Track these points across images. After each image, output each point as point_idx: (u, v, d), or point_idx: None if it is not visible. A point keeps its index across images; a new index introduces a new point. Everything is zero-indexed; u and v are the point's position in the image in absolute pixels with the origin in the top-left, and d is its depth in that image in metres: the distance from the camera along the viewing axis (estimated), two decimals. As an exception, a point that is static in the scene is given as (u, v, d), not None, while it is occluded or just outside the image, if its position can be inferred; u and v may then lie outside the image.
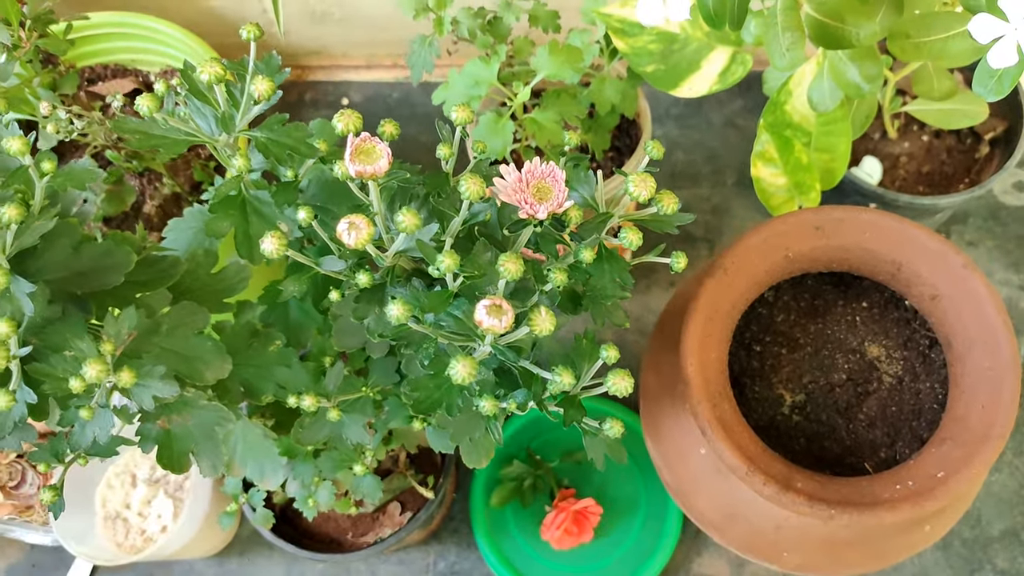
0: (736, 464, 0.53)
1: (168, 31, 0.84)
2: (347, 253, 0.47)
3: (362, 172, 0.43)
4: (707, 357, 0.56)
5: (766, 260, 0.58)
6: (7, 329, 0.40)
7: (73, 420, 0.48)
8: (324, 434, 0.59)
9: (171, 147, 0.51)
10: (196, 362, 0.54)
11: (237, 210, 0.55)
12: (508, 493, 0.88)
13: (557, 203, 0.46)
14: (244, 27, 0.50)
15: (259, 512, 0.72)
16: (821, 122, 0.70)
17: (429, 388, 0.46)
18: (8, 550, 0.94)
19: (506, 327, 0.42)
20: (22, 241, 0.44)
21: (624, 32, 0.71)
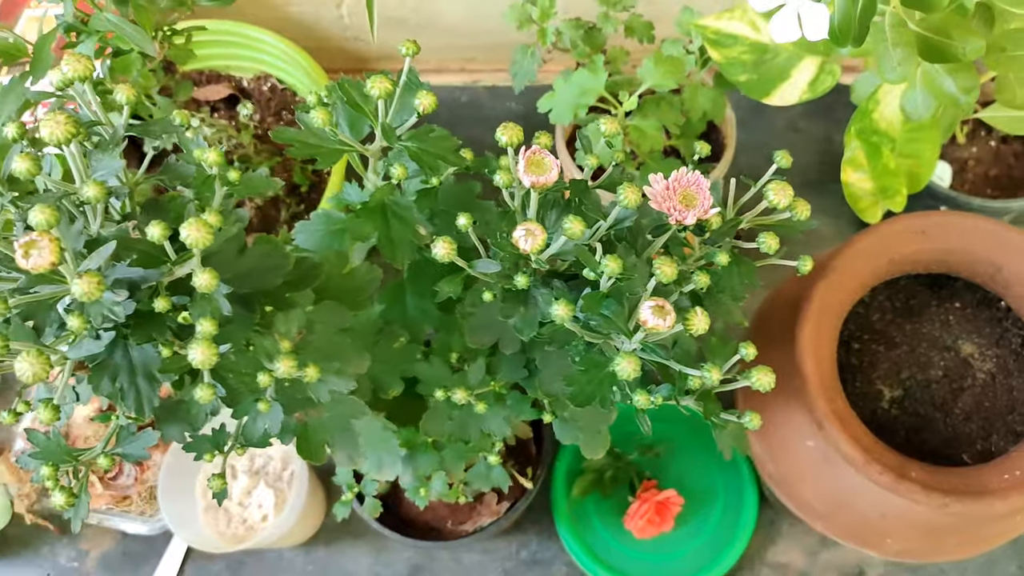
0: (853, 455, 0.56)
1: (263, 37, 0.87)
2: (508, 256, 0.50)
3: (535, 182, 0.46)
4: (821, 354, 0.59)
5: (872, 262, 0.61)
6: (211, 328, 0.44)
7: (247, 413, 0.51)
8: (451, 426, 0.63)
9: (327, 156, 0.54)
10: (337, 359, 0.57)
11: (379, 215, 0.58)
12: (589, 484, 0.91)
13: (703, 209, 0.49)
14: (402, 43, 0.53)
15: (368, 501, 0.75)
16: (906, 129, 0.73)
17: (582, 383, 0.50)
18: (101, 539, 0.97)
19: (669, 326, 0.45)
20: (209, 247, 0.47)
21: (719, 43, 0.74)
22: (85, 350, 0.45)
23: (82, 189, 0.43)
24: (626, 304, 0.50)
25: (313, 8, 1.05)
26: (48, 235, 0.39)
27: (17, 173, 0.41)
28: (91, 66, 0.45)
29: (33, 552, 0.97)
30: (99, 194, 0.43)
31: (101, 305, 0.43)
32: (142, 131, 0.49)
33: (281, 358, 0.46)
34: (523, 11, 0.73)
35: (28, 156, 0.42)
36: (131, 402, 0.48)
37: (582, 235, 0.46)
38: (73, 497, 0.47)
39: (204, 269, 0.43)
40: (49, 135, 0.41)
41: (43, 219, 0.40)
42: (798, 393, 0.61)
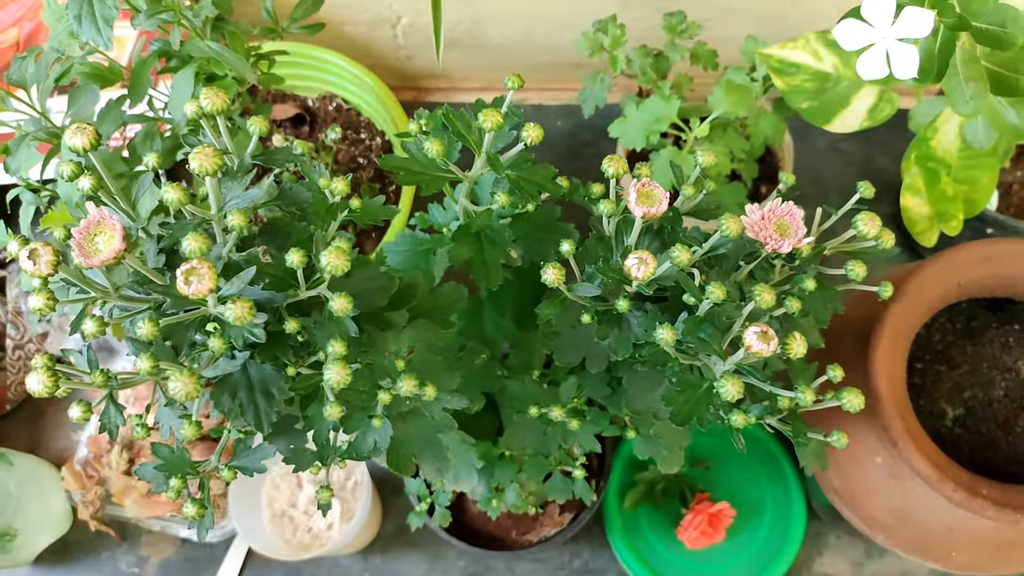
0: (927, 472, 0.59)
1: (328, 58, 0.90)
2: (611, 280, 0.53)
3: (647, 214, 0.49)
4: (893, 374, 0.62)
5: (940, 287, 0.64)
6: (342, 349, 0.46)
7: (359, 428, 0.54)
8: (532, 440, 0.65)
9: (431, 183, 0.56)
10: (429, 376, 0.59)
11: (473, 239, 0.61)
12: (641, 496, 0.93)
13: (797, 239, 0.52)
14: (508, 78, 0.55)
15: (439, 512, 0.77)
16: (963, 156, 0.76)
17: (680, 402, 0.52)
18: (161, 545, 0.99)
19: (773, 351, 0.48)
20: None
21: (782, 71, 0.77)
22: (220, 369, 0.48)
23: (227, 219, 0.45)
24: (720, 327, 0.53)
25: (368, 29, 1.08)
26: (206, 263, 0.41)
27: (168, 203, 0.44)
28: (227, 101, 0.47)
29: (94, 558, 1.00)
30: (242, 222, 0.45)
31: (242, 328, 0.45)
32: (267, 160, 0.51)
33: (404, 377, 0.48)
34: (595, 39, 0.75)
35: (178, 187, 0.44)
36: (251, 417, 0.51)
37: (689, 263, 0.49)
38: (204, 508, 0.49)
39: (340, 294, 0.46)
40: (199, 167, 0.44)
41: (196, 247, 0.42)
42: (868, 412, 0.63)
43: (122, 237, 0.42)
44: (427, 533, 0.97)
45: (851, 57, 0.76)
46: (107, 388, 0.48)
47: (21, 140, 0.65)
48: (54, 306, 0.44)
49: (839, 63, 0.77)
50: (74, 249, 0.42)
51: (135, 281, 0.47)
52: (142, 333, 0.43)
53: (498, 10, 1.04)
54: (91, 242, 0.42)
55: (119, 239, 0.42)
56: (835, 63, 0.77)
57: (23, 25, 0.97)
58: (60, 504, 0.97)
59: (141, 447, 0.95)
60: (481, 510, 0.85)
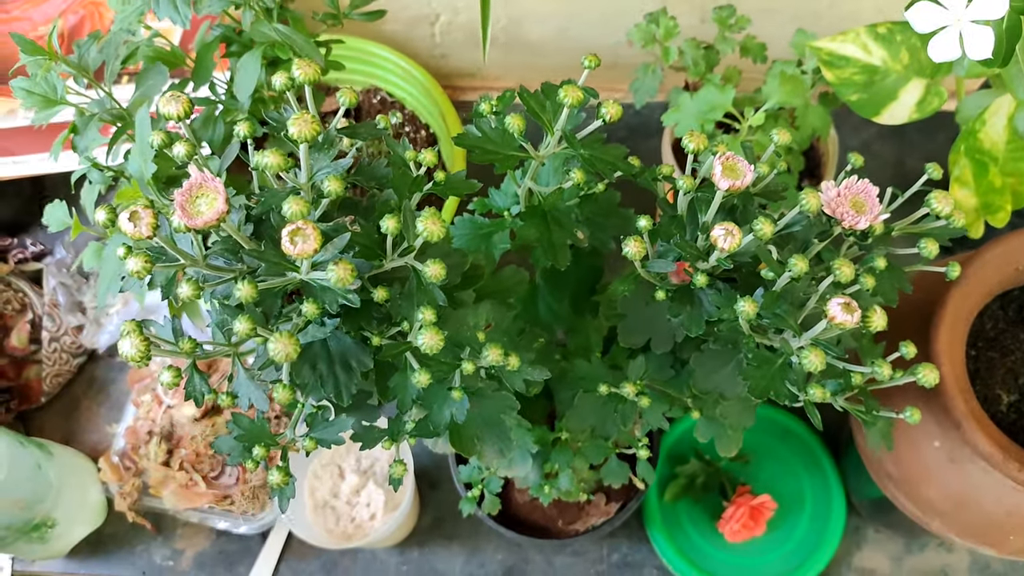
0: (991, 452, 0.59)
1: (376, 51, 0.91)
2: (689, 255, 0.53)
3: (732, 186, 0.49)
4: (954, 357, 0.62)
5: (999, 271, 0.65)
6: (432, 316, 0.46)
7: (437, 401, 0.54)
8: (591, 422, 0.65)
9: (505, 161, 0.57)
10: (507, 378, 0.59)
11: (541, 220, 0.61)
12: (681, 489, 0.94)
13: (873, 215, 0.53)
14: (585, 57, 0.56)
15: (488, 499, 0.77)
16: (1011, 149, 0.77)
17: (756, 377, 0.53)
18: (196, 538, 0.99)
19: (856, 322, 0.48)
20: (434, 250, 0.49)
21: (832, 64, 0.78)
22: (310, 336, 0.48)
23: (324, 184, 0.46)
24: (795, 304, 0.54)
25: (407, 27, 1.09)
26: (311, 223, 0.42)
27: (265, 167, 0.44)
28: (317, 71, 0.48)
29: (128, 551, 0.99)
30: (339, 188, 0.46)
31: (335, 293, 0.45)
32: (351, 133, 0.52)
33: (489, 347, 0.49)
34: (648, 31, 0.76)
35: (276, 152, 0.44)
36: (330, 389, 0.51)
37: (772, 236, 0.50)
38: (288, 476, 0.50)
39: (434, 260, 0.46)
40: (298, 133, 0.44)
41: (298, 209, 0.43)
42: (929, 396, 0.64)
43: (225, 199, 0.42)
44: (464, 526, 0.97)
45: (899, 50, 0.77)
46: (192, 357, 0.49)
47: (88, 120, 0.65)
48: (151, 269, 0.44)
49: (887, 56, 0.78)
50: (176, 211, 0.43)
51: (224, 249, 0.48)
52: (241, 295, 0.43)
53: (535, 8, 1.05)
54: (193, 204, 0.43)
55: (222, 200, 0.42)
56: (883, 56, 0.78)
57: (67, 18, 0.97)
58: (97, 496, 0.97)
59: (180, 438, 0.95)
60: (526, 499, 0.85)
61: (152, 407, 0.97)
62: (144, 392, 0.98)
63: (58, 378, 1.04)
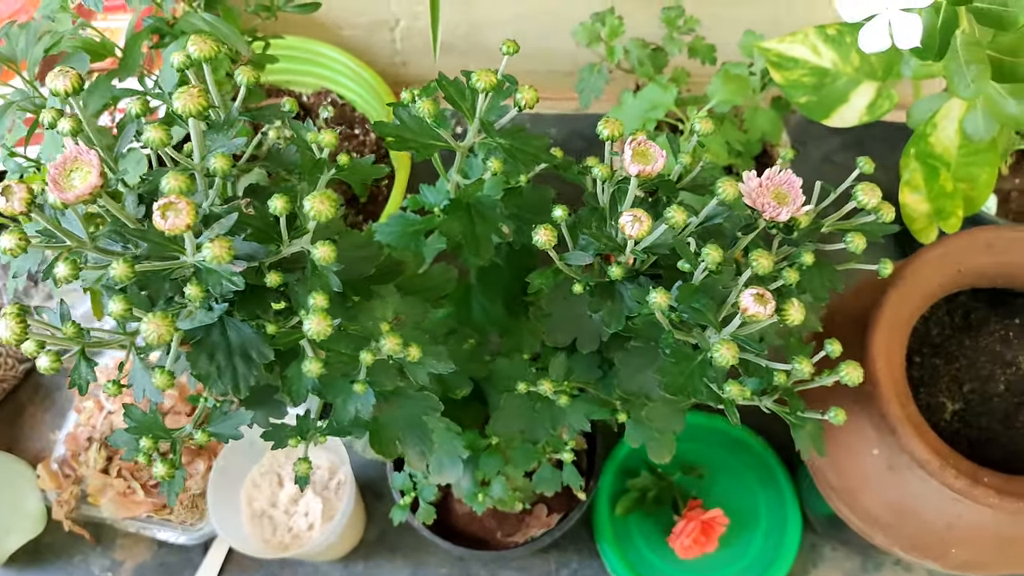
0: (928, 459, 0.57)
1: (326, 52, 0.90)
2: (604, 246, 0.51)
3: (642, 171, 0.48)
4: (892, 361, 0.60)
5: (940, 273, 0.63)
6: (324, 301, 0.44)
7: (340, 394, 0.52)
8: (520, 425, 0.63)
9: (423, 149, 0.55)
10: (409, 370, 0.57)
11: (464, 213, 0.59)
12: (632, 503, 0.91)
13: (796, 207, 0.51)
14: (504, 43, 0.54)
15: (423, 508, 0.75)
16: (962, 153, 0.75)
17: (674, 373, 0.51)
18: (135, 549, 0.96)
19: (769, 315, 0.46)
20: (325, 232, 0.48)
21: (780, 66, 0.76)
22: (198, 320, 0.46)
23: (208, 161, 0.44)
24: (715, 299, 0.52)
25: (367, 32, 1.08)
26: (184, 198, 0.40)
27: (148, 142, 0.42)
28: (215, 48, 0.46)
29: (66, 561, 0.97)
30: (225, 166, 0.44)
31: (219, 275, 0.44)
32: (255, 115, 0.50)
33: (387, 336, 0.47)
34: (592, 30, 0.75)
35: (160, 127, 0.43)
36: (228, 380, 0.49)
37: (684, 224, 0.48)
38: (174, 468, 0.47)
39: (323, 242, 0.44)
40: (182, 107, 0.43)
41: (176, 185, 0.41)
42: (866, 401, 0.62)
43: (99, 173, 0.41)
44: (410, 539, 0.95)
45: (849, 53, 0.76)
46: (80, 344, 0.47)
47: (7, 108, 0.63)
48: (26, 247, 0.42)
49: (838, 59, 0.76)
50: (49, 185, 0.41)
51: (112, 231, 0.46)
52: (116, 274, 0.41)
53: (495, 14, 1.04)
54: (67, 178, 0.41)
55: (96, 174, 0.40)
56: (834, 59, 0.76)
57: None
58: (35, 504, 0.95)
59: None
60: (466, 511, 0.83)
61: (93, 413, 0.95)
62: (86, 398, 0.96)
63: (2, 384, 1.02)
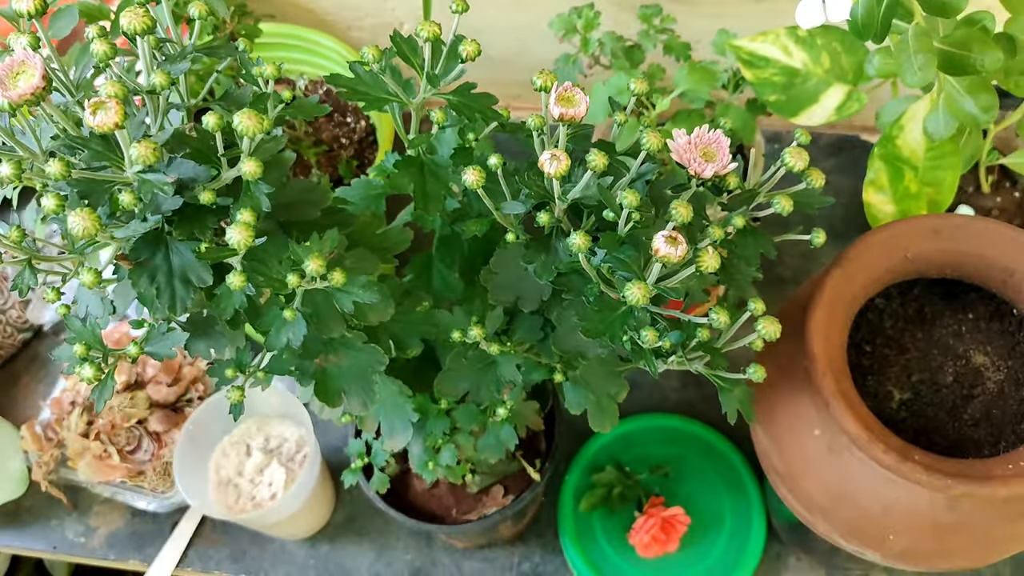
0: (857, 433, 0.57)
1: (323, 41, 0.93)
2: (533, 194, 0.53)
3: (564, 114, 0.49)
4: (831, 339, 0.61)
5: (886, 258, 0.63)
6: (250, 217, 0.47)
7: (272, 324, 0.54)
8: (464, 386, 0.64)
9: (374, 103, 0.58)
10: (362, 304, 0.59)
11: (416, 169, 0.62)
12: (597, 499, 0.91)
13: (722, 165, 0.52)
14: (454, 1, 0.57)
15: (377, 476, 0.76)
16: (929, 157, 0.76)
17: (595, 321, 0.52)
18: (109, 516, 0.98)
19: (680, 256, 0.47)
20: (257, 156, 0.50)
21: (752, 64, 0.78)
22: (133, 230, 0.48)
23: (149, 78, 0.47)
24: (642, 252, 0.53)
25: (373, 36, 1.12)
26: (116, 99, 0.42)
27: (94, 54, 0.45)
28: (171, -21, 0.49)
29: (43, 525, 0.99)
30: (165, 82, 0.47)
31: (152, 184, 0.46)
32: (209, 51, 0.53)
33: (312, 257, 0.48)
34: (568, 21, 0.78)
35: (106, 41, 0.46)
36: (166, 300, 0.51)
37: (605, 167, 0.49)
38: (101, 373, 0.49)
39: (251, 158, 0.46)
40: (128, 24, 0.45)
41: (112, 90, 0.44)
42: (807, 379, 0.62)
43: (42, 75, 0.43)
44: (378, 523, 0.95)
45: (820, 54, 0.78)
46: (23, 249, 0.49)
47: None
48: (-26, 147, 0.45)
49: (808, 60, 0.78)
50: (-5, 85, 0.44)
51: (62, 144, 0.49)
52: (51, 171, 0.44)
53: (496, 21, 1.07)
54: (13, 79, 0.44)
55: (39, 76, 0.43)
56: (804, 59, 0.78)
57: None
58: (17, 465, 0.97)
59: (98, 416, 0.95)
60: (425, 487, 0.83)
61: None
62: (75, 365, 0.99)
63: (0, 352, 1.05)
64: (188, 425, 0.85)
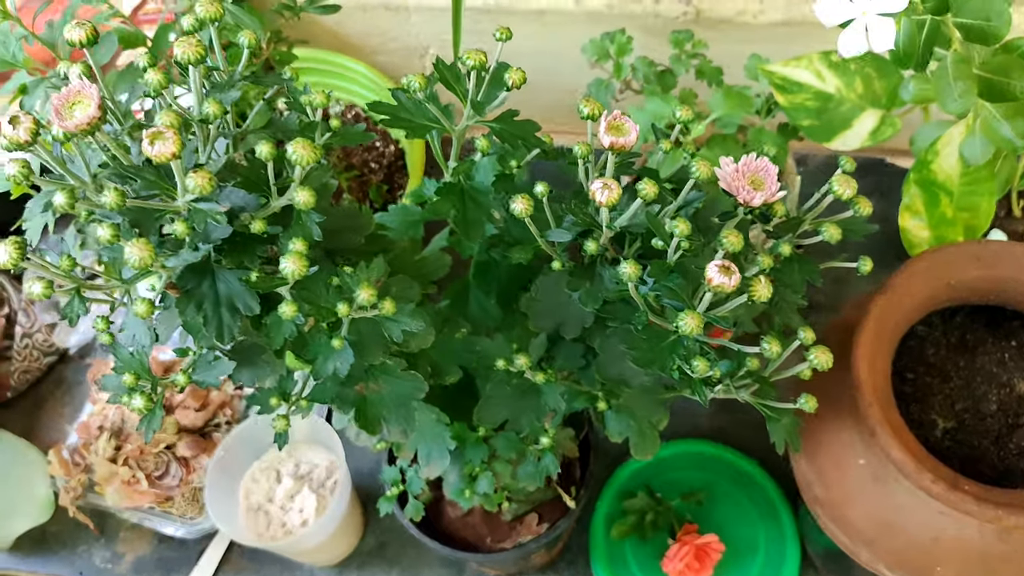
0: (905, 462, 0.57)
1: (357, 68, 0.94)
2: (580, 222, 0.53)
3: (615, 143, 0.49)
4: (875, 366, 0.60)
5: (929, 285, 0.63)
6: (302, 246, 0.46)
7: (320, 352, 0.53)
8: (505, 413, 0.64)
9: (417, 130, 0.58)
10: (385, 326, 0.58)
11: (457, 196, 0.62)
12: (629, 527, 0.90)
13: (771, 193, 0.52)
14: (498, 29, 0.57)
15: (411, 504, 0.75)
16: (964, 182, 0.76)
17: (644, 349, 0.51)
18: (137, 543, 0.98)
19: (734, 286, 0.47)
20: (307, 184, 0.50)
21: (785, 89, 0.78)
22: (184, 259, 0.48)
23: (202, 107, 0.47)
24: (690, 280, 0.53)
25: (398, 60, 1.12)
26: (174, 129, 0.42)
27: (147, 84, 0.46)
28: (220, 10, 0.50)
29: (69, 551, 0.98)
30: (218, 111, 0.47)
31: (205, 213, 0.46)
32: (256, 80, 0.53)
33: (363, 286, 0.48)
34: (601, 46, 0.78)
35: (159, 70, 0.46)
36: (213, 329, 0.51)
37: (656, 195, 0.49)
38: (151, 403, 0.49)
39: (304, 187, 0.46)
40: (181, 54, 0.46)
41: (168, 120, 0.44)
42: (852, 408, 0.62)
43: (98, 106, 0.44)
44: (409, 551, 0.95)
45: (854, 79, 0.78)
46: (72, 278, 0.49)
47: (38, 84, 0.68)
48: (28, 176, 0.45)
49: (842, 85, 0.78)
50: (52, 115, 0.44)
51: (113, 173, 0.49)
52: (107, 202, 0.44)
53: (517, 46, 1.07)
54: (69, 109, 0.44)
55: (95, 106, 0.43)
56: (838, 84, 0.78)
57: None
58: (44, 490, 0.97)
59: (129, 435, 0.95)
60: (458, 515, 0.83)
61: (107, 404, 0.97)
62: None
63: (26, 375, 1.05)
64: (219, 451, 0.84)
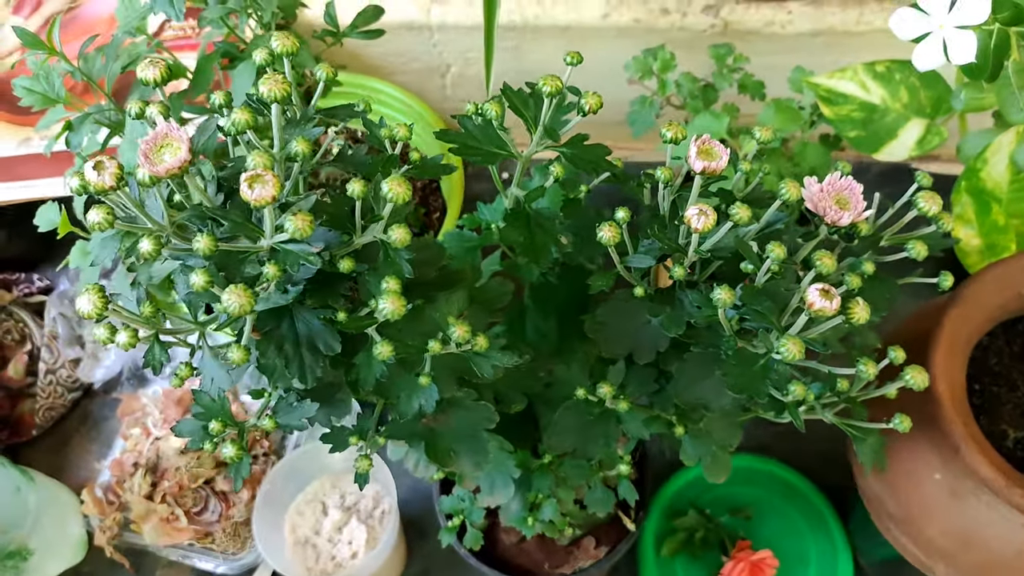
0: (993, 477, 0.56)
1: (385, 89, 0.92)
2: (665, 247, 0.52)
3: (707, 168, 0.49)
4: (953, 380, 0.60)
5: (999, 295, 0.63)
6: (396, 286, 0.45)
7: (405, 389, 0.52)
8: (574, 441, 0.63)
9: (487, 157, 0.57)
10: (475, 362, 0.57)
11: (524, 223, 0.61)
12: (679, 544, 0.89)
13: (857, 212, 0.51)
14: (568, 54, 0.56)
15: (470, 533, 0.74)
16: (1013, 188, 0.76)
17: (736, 374, 0.50)
18: (174, 580, 0.96)
19: (835, 309, 0.46)
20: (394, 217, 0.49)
21: (830, 101, 0.78)
22: (272, 302, 0.47)
23: (290, 145, 0.46)
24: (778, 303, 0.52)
25: (420, 79, 1.11)
26: (271, 171, 0.41)
27: (234, 123, 0.44)
28: (296, 44, 0.48)
29: (105, 591, 0.96)
30: (306, 149, 0.45)
31: (297, 255, 0.45)
32: (329, 112, 0.52)
33: (456, 324, 0.47)
34: (644, 63, 0.77)
35: (246, 109, 0.45)
36: (295, 370, 0.50)
37: (750, 221, 0.48)
38: (242, 451, 0.48)
39: (399, 225, 0.45)
40: (267, 92, 0.44)
41: (261, 161, 0.42)
42: (927, 423, 0.61)
43: (188, 148, 0.42)
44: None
45: (899, 89, 0.77)
46: (155, 327, 0.48)
47: (83, 119, 0.66)
48: (112, 222, 0.43)
49: (887, 95, 0.78)
50: (140, 160, 0.42)
51: (192, 216, 0.47)
52: (200, 247, 0.42)
53: (546, 63, 1.07)
54: (158, 153, 0.43)
55: (186, 149, 0.42)
56: (883, 95, 0.78)
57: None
58: (77, 530, 0.95)
59: (165, 470, 0.93)
60: (512, 541, 0.81)
61: (140, 440, 0.95)
62: (134, 425, 0.97)
63: (51, 411, 1.03)
64: (264, 486, 0.83)
